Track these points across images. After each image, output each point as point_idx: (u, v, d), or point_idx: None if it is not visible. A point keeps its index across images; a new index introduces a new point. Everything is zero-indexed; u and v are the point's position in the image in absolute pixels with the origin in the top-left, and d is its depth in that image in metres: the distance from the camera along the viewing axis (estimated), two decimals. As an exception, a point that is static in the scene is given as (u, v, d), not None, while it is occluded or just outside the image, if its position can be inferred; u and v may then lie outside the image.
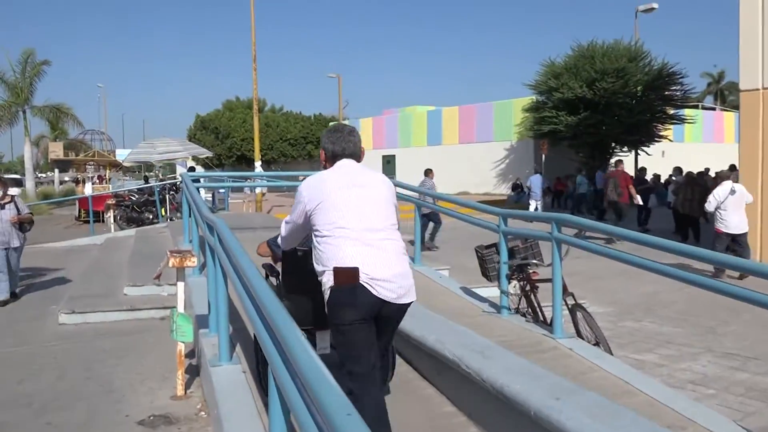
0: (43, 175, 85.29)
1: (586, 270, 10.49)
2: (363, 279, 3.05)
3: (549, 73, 27.64)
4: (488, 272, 6.45)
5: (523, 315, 6.12)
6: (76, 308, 7.56)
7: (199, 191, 18.22)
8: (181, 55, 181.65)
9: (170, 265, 4.94)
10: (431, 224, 13.57)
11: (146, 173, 24.64)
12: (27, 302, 8.75)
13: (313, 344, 3.74)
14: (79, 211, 22.60)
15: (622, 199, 15.05)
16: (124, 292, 8.20)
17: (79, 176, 36.14)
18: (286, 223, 3.49)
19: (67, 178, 51.62)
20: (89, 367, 5.83)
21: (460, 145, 36.40)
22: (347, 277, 3.05)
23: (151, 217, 19.06)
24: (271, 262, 4.06)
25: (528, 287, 6.12)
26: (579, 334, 5.55)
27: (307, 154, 49.88)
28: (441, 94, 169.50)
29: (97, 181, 30.94)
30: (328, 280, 3.12)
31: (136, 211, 19.33)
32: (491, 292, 7.00)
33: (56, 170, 41.73)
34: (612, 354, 5.24)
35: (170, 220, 17.05)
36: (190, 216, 8.36)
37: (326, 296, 3.14)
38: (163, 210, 18.61)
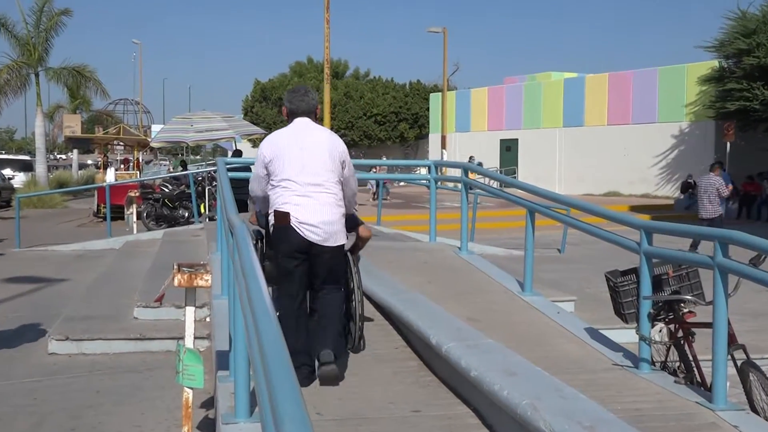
0: (62, 157, 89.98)
1: (778, 310, 9.93)
2: (293, 222, 5.25)
3: (738, 28, 26.57)
4: (623, 309, 6.22)
5: (672, 373, 5.91)
6: (71, 334, 7.81)
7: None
8: (239, 7, 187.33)
9: (176, 283, 4.97)
10: None
11: (184, 157, 25.35)
12: (14, 323, 9.11)
13: None
14: (98, 206, 23.55)
15: None
16: (135, 314, 8.41)
17: (100, 159, 37.70)
18: (253, 180, 5.66)
19: (89, 162, 54.08)
20: (76, 414, 5.99)
21: (609, 127, 35.65)
22: (281, 219, 5.29)
23: (186, 215, 19.64)
24: (260, 228, 6.14)
25: (680, 333, 5.87)
26: (752, 406, 5.26)
27: (399, 135, 50.09)
28: (583, 57, 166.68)
29: (122, 166, 32.14)
30: (271, 220, 5.44)
31: (168, 206, 19.97)
32: (629, 337, 6.77)
33: (75, 151, 43.80)
34: (800, 438, 4.87)
35: (210, 219, 17.47)
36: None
37: (270, 232, 5.52)
38: (202, 206, 19.11)
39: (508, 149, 40.45)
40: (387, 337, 6.80)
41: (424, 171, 38.34)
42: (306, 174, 5.27)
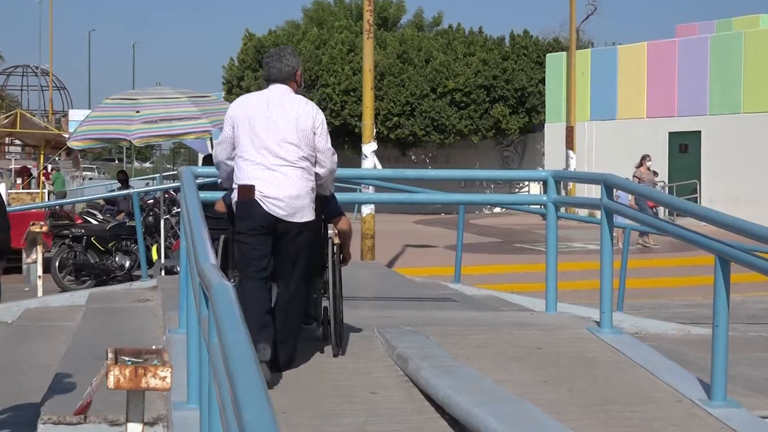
0: None
1: None
2: (257, 196, 8.01)
3: None
4: None
5: None
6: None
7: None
8: None
9: (110, 383, 5.03)
10: None
11: (125, 165, 25.40)
12: None
13: None
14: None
15: None
16: (39, 434, 8.48)
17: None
18: (219, 143, 8.68)
19: (-35, 174, 54.81)
20: None
21: None
22: (245, 192, 8.02)
23: (126, 264, 19.79)
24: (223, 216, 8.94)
25: None
26: None
27: (493, 126, 49.55)
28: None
29: (20, 179, 32.27)
30: (234, 196, 8.22)
31: (97, 249, 20.12)
32: None
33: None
34: None
35: (168, 272, 17.58)
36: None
37: (234, 209, 8.34)
38: (154, 249, 19.23)
39: (684, 149, 40.12)
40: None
41: (535, 189, 37.86)
42: (271, 146, 8.11)
